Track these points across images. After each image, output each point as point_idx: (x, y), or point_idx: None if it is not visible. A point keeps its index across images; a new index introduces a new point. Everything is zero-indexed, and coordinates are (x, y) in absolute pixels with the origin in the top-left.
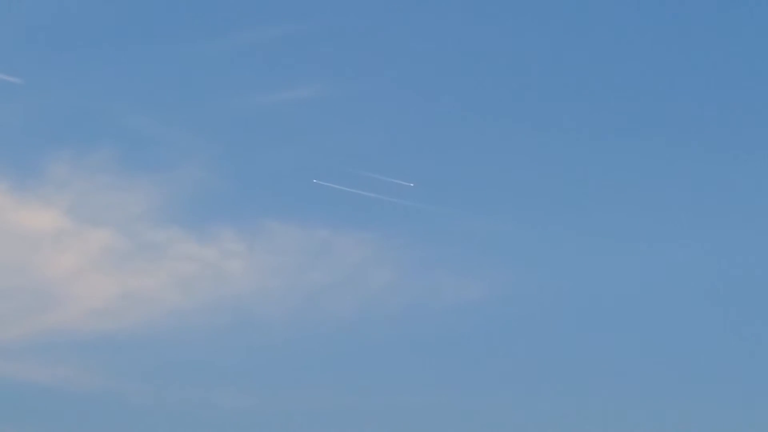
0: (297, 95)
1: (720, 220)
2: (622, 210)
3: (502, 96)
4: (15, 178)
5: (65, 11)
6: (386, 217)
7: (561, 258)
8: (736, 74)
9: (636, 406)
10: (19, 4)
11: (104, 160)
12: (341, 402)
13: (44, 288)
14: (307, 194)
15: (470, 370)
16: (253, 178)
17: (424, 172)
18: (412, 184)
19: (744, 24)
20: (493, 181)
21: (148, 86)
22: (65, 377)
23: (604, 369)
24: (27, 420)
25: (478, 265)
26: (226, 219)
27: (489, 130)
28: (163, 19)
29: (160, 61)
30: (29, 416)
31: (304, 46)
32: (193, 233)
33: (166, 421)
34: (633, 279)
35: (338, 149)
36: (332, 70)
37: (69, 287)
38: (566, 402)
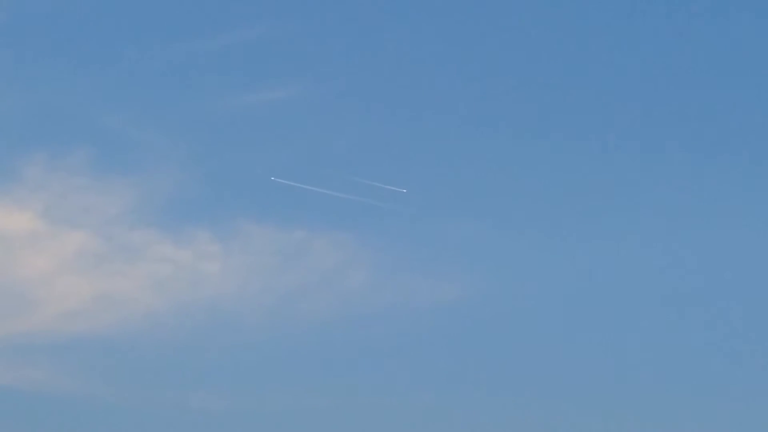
0: (272, 97)
1: (693, 222)
2: (595, 214)
3: (478, 101)
4: None
5: (40, 13)
6: (362, 219)
7: (533, 260)
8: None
9: (609, 404)
10: None
11: (79, 162)
12: (317, 403)
13: (19, 290)
14: (282, 196)
15: (445, 371)
16: (228, 179)
17: (401, 176)
18: (404, 190)
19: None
20: (467, 185)
21: (123, 88)
22: (40, 380)
23: (576, 369)
24: (1, 423)
25: (452, 267)
26: (201, 221)
27: (464, 135)
28: (138, 22)
29: (135, 62)
30: (3, 419)
31: (280, 47)
32: (168, 235)
33: (142, 423)
34: (604, 281)
35: (314, 151)
36: (307, 72)
37: (44, 289)
38: (540, 401)
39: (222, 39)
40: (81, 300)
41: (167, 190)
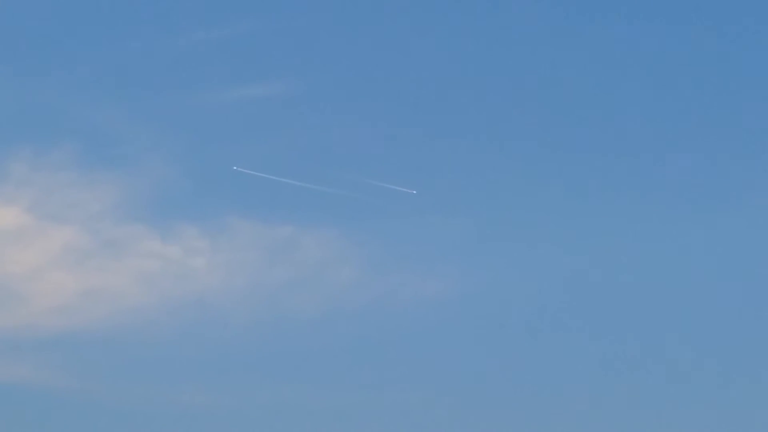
0: (260, 92)
1: (682, 224)
2: (581, 213)
3: (465, 99)
4: None
5: (25, 9)
6: (349, 215)
7: (520, 257)
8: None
9: (597, 401)
10: None
11: (66, 157)
12: (304, 398)
13: (6, 285)
14: (270, 191)
15: (432, 366)
16: (215, 175)
17: (389, 173)
18: (414, 192)
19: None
20: (452, 183)
21: (109, 83)
22: (27, 375)
23: (564, 365)
24: None
25: (439, 263)
26: (189, 216)
27: (451, 134)
28: (125, 16)
29: (122, 57)
30: None
31: (268, 43)
32: (156, 230)
33: (129, 418)
34: (591, 278)
35: (301, 146)
36: (295, 67)
37: (31, 285)
38: (527, 396)
39: (209, 34)
40: (68, 295)
41: (154, 185)
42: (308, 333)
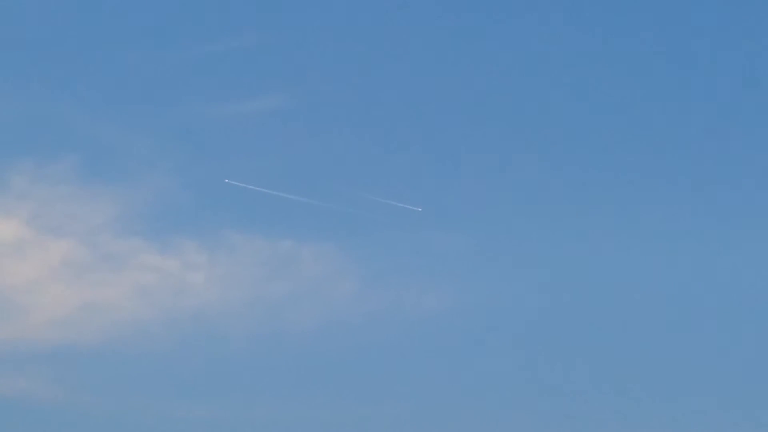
0: (259, 106)
1: (673, 236)
2: (579, 228)
3: (464, 112)
4: None
5: (26, 21)
6: (348, 229)
7: (519, 271)
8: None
9: (594, 409)
10: None
11: (66, 170)
12: (303, 412)
13: (4, 298)
14: (269, 206)
15: (431, 379)
16: (214, 189)
17: (388, 187)
18: (420, 209)
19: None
20: (454, 198)
21: (109, 97)
22: (25, 388)
23: (562, 376)
24: None
25: (438, 276)
26: (188, 230)
27: (451, 149)
28: (125, 30)
29: (122, 71)
30: None
31: (268, 57)
32: (154, 244)
33: (126, 431)
34: (588, 291)
35: (301, 160)
36: (295, 82)
37: (29, 297)
38: (527, 407)
39: (209, 48)
40: (67, 308)
41: (153, 199)
42: (307, 347)
